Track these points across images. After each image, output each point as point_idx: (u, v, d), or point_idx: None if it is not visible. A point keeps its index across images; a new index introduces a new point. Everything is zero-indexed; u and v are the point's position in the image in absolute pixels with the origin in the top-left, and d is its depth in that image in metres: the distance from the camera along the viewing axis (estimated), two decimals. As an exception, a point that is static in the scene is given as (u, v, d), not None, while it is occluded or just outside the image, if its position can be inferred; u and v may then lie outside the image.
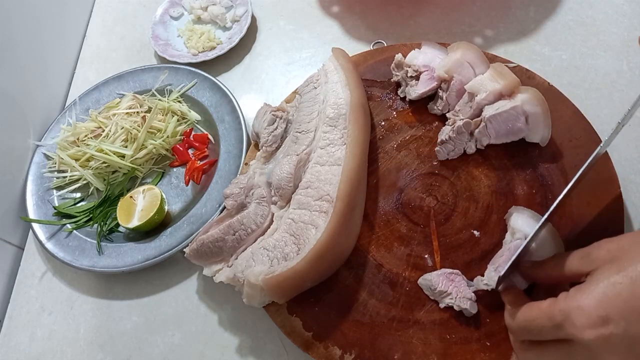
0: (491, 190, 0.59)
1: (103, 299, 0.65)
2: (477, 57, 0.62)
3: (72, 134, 0.74)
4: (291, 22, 0.86)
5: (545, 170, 0.59)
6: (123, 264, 0.64)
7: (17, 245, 0.72)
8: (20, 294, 0.68)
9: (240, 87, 0.80)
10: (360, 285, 0.56)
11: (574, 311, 0.38)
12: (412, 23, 0.80)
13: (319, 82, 0.66)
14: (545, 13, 0.77)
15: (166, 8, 0.90)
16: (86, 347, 0.62)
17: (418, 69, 0.65)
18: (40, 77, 0.82)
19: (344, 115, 0.61)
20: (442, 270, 0.53)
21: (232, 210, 0.59)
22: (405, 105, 0.67)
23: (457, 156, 0.61)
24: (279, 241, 0.55)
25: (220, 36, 0.86)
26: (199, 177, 0.70)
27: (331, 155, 0.59)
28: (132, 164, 0.71)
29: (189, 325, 0.61)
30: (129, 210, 0.65)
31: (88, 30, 0.95)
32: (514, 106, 0.57)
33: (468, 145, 0.61)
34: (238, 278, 0.54)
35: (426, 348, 0.51)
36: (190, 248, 0.58)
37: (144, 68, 0.82)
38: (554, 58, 0.72)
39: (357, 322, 0.53)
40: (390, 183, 0.62)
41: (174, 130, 0.74)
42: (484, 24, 0.78)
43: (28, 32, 0.79)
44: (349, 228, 0.56)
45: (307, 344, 0.53)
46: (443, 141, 0.60)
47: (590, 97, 0.67)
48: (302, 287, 0.54)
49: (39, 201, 0.71)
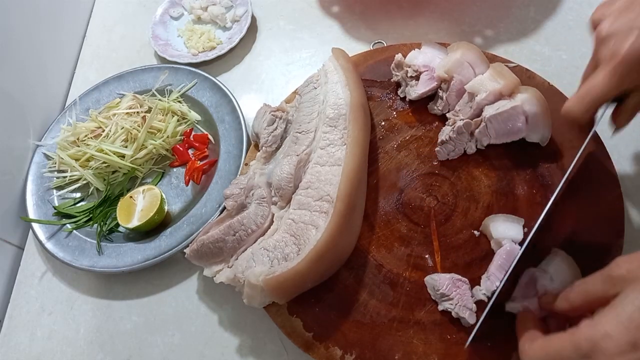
0: (491, 190, 0.59)
1: (103, 299, 0.65)
2: (477, 57, 0.62)
3: (72, 134, 0.74)
4: (291, 22, 0.86)
5: (545, 170, 0.59)
6: (123, 264, 0.64)
7: (17, 245, 0.72)
8: (20, 294, 0.68)
9: (240, 87, 0.80)
10: (361, 285, 0.56)
11: (601, 339, 0.36)
12: (412, 23, 0.80)
13: (319, 82, 0.66)
14: (545, 13, 0.77)
15: (166, 8, 0.90)
16: (86, 347, 0.62)
17: (418, 69, 0.65)
18: (40, 77, 0.82)
19: (344, 115, 0.61)
20: (452, 275, 0.53)
21: (232, 211, 0.59)
22: (405, 105, 0.67)
23: (457, 156, 0.61)
24: (279, 242, 0.55)
25: (220, 36, 0.86)
26: (199, 177, 0.70)
27: (331, 156, 0.59)
28: (132, 164, 0.71)
29: (189, 325, 0.61)
30: (129, 210, 0.65)
31: (88, 30, 0.95)
32: (514, 106, 0.57)
33: (468, 145, 0.61)
34: (238, 278, 0.54)
35: (427, 348, 0.51)
36: (191, 249, 0.58)
37: (144, 68, 0.81)
38: (554, 58, 0.72)
39: (358, 322, 0.53)
40: (390, 183, 0.62)
41: (174, 130, 0.74)
42: (484, 24, 0.78)
43: (28, 32, 0.79)
44: (349, 228, 0.56)
45: (307, 344, 0.53)
46: (443, 141, 0.60)
47: (591, 97, 0.67)
48: (302, 287, 0.54)
49: (39, 201, 0.71)
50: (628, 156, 0.62)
